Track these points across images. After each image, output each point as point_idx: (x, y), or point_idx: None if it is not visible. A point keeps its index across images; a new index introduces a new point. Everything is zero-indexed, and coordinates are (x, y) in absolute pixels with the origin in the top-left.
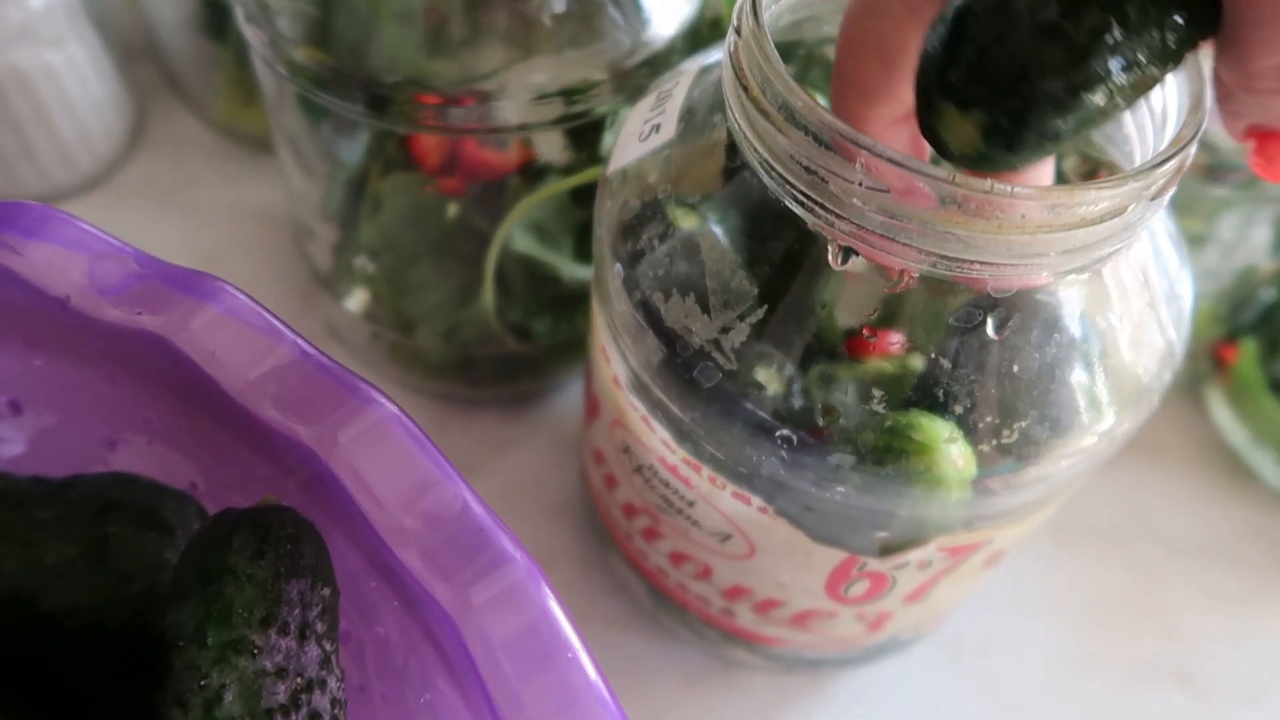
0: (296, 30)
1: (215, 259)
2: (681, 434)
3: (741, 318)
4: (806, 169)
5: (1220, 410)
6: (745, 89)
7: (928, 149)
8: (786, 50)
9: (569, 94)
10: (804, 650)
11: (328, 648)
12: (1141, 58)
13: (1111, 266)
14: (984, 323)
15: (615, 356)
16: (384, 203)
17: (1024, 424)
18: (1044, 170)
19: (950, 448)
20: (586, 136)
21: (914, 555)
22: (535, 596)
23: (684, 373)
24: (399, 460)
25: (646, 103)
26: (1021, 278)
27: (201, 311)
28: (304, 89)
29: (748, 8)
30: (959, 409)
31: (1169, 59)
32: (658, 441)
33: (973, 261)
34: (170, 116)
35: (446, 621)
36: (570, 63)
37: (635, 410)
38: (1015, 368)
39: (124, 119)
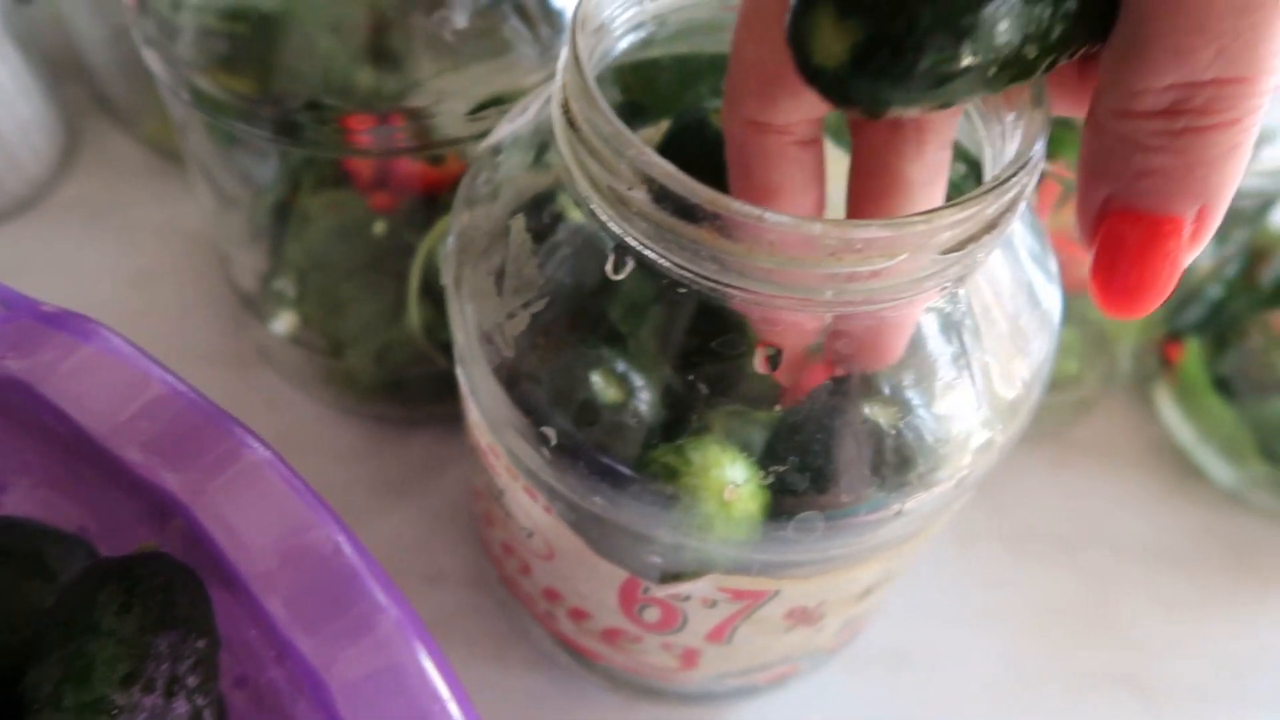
0: (204, 53)
1: (148, 281)
2: (483, 417)
3: (525, 306)
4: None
5: (1168, 409)
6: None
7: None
8: (685, 64)
9: (501, 103)
10: (658, 680)
11: (200, 702)
12: (1028, 29)
13: (970, 286)
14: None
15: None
16: (312, 222)
17: (819, 475)
18: (932, 179)
19: (721, 479)
20: None
21: (690, 589)
22: (403, 649)
23: (477, 352)
24: (269, 506)
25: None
26: (789, 312)
27: (71, 353)
28: (214, 118)
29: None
30: (749, 441)
31: (1047, 49)
32: (473, 421)
33: (728, 285)
34: (102, 136)
35: (312, 674)
36: (501, 71)
37: (463, 385)
38: (822, 413)
39: (53, 140)
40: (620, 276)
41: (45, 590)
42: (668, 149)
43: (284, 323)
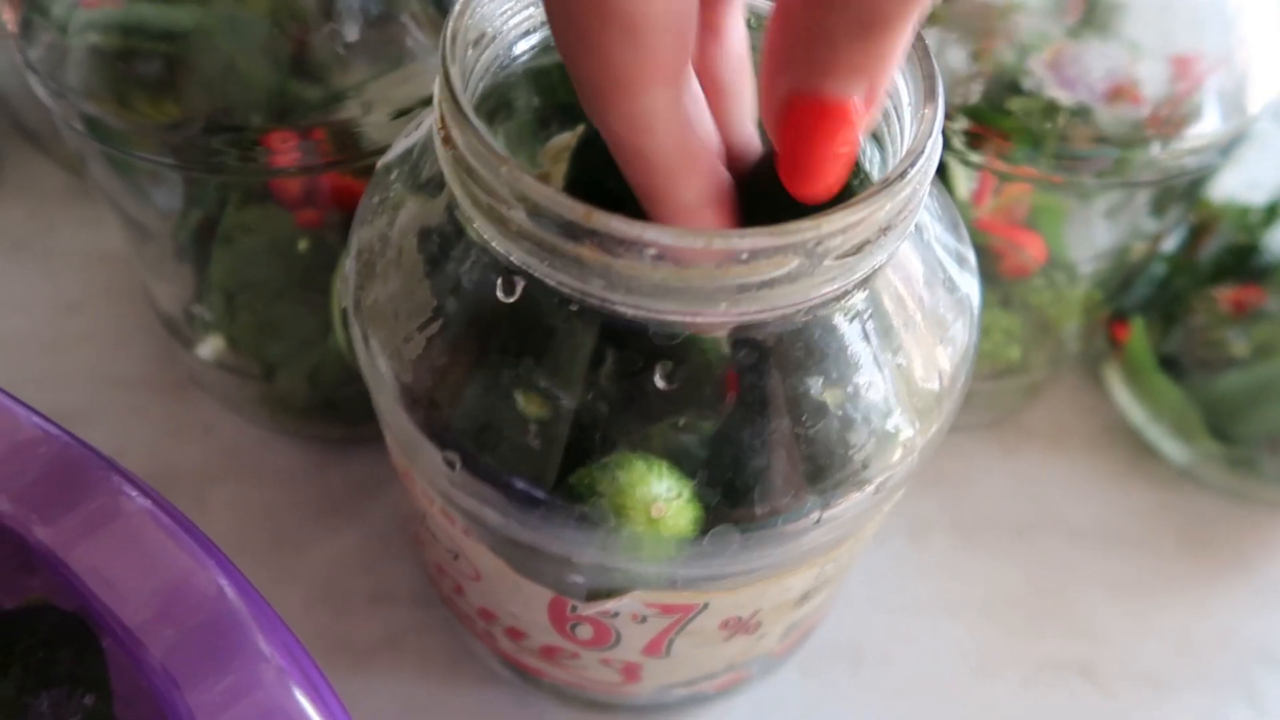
0: (92, 75)
1: (78, 307)
2: (395, 441)
3: (420, 329)
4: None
5: (1118, 390)
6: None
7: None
8: None
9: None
10: (605, 694)
11: None
12: None
13: (878, 285)
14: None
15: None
16: (236, 242)
17: (743, 485)
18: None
19: (648, 496)
20: None
21: (617, 606)
22: (283, 698)
23: (379, 377)
24: (146, 555)
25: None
26: (686, 318)
27: None
28: (119, 150)
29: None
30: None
31: None
32: (390, 445)
33: (618, 301)
34: (25, 162)
35: None
36: (418, 77)
37: (382, 413)
38: (738, 419)
39: None
40: (512, 298)
41: None
42: (581, 153)
43: (210, 348)
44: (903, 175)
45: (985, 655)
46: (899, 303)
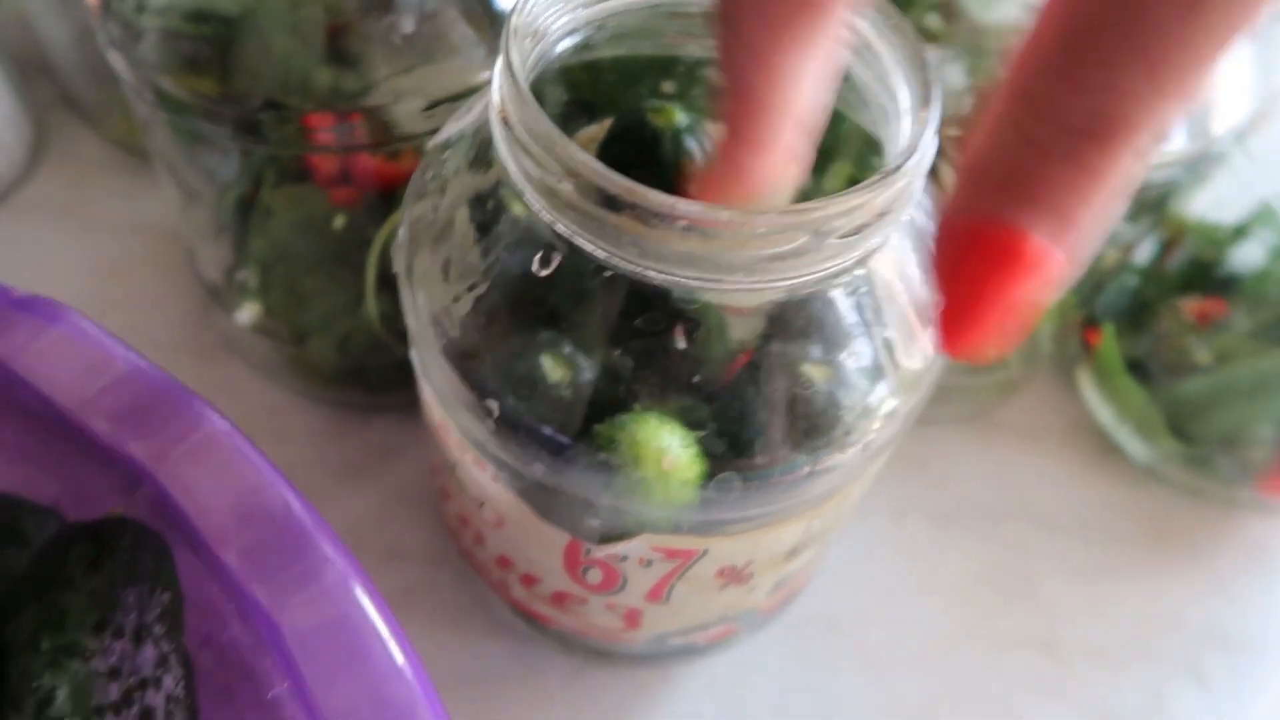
0: (166, 55)
1: (117, 275)
2: (435, 394)
3: (469, 290)
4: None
5: (1089, 391)
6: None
7: None
8: (625, 66)
9: (454, 101)
10: (606, 641)
11: (165, 648)
12: None
13: (872, 267)
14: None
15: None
16: (275, 216)
17: (749, 436)
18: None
19: (660, 449)
20: None
21: (626, 549)
22: (347, 595)
23: (427, 334)
24: (225, 471)
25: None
26: (707, 284)
27: (40, 334)
28: (176, 119)
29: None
30: (684, 408)
31: None
32: (427, 399)
33: (649, 268)
34: (70, 133)
35: (266, 619)
36: (451, 71)
37: (416, 367)
38: (752, 378)
39: (22, 137)
40: (553, 263)
41: (20, 557)
42: (609, 145)
43: (248, 313)
44: (899, 168)
45: (954, 630)
46: (889, 285)
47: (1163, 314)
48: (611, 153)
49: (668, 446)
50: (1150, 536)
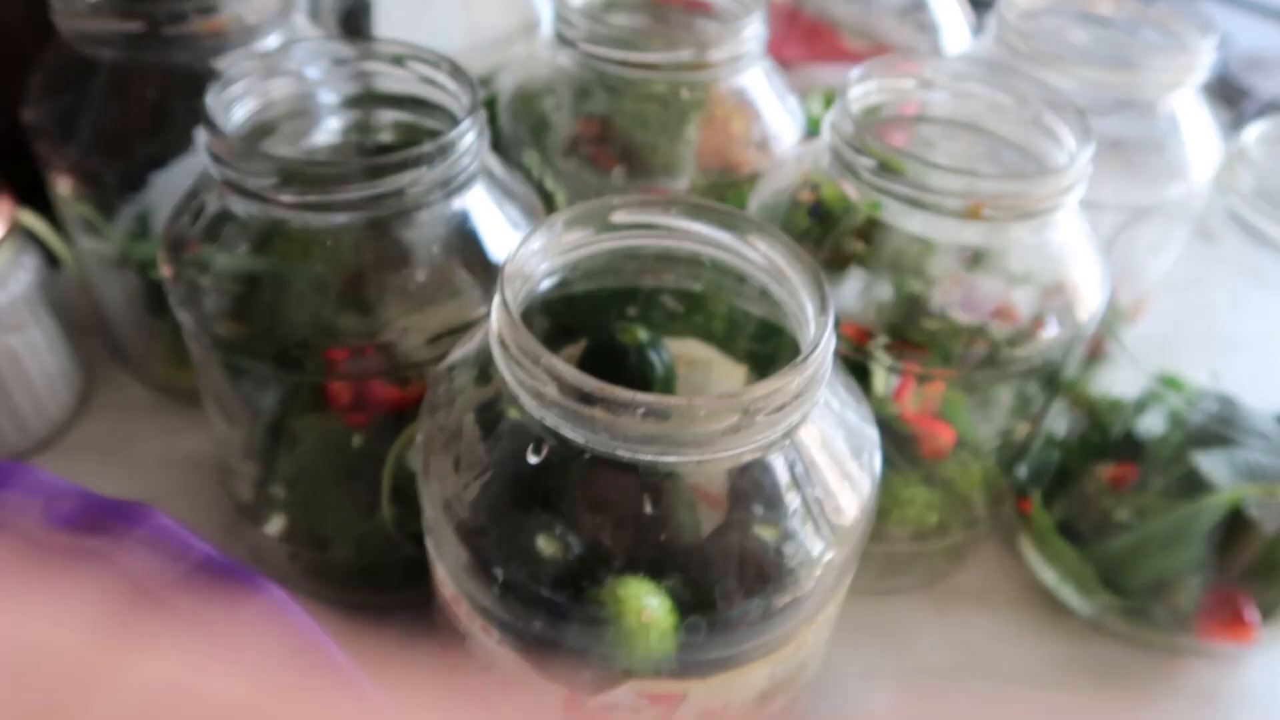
0: (221, 308)
1: (153, 503)
2: (448, 571)
3: (476, 478)
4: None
5: (1030, 554)
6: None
7: None
8: (595, 298)
9: (454, 334)
10: None
11: None
12: None
13: (798, 439)
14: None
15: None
16: (299, 439)
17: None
18: None
19: (639, 605)
20: None
21: (616, 697)
22: None
23: (441, 518)
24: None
25: None
26: (666, 458)
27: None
28: (227, 356)
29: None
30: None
31: None
32: (440, 578)
33: (621, 450)
34: (115, 381)
35: None
36: (453, 310)
37: (431, 551)
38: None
39: (72, 387)
40: (543, 451)
41: None
42: (587, 358)
43: (276, 524)
44: (808, 357)
45: None
46: (814, 454)
47: (1083, 480)
48: (589, 364)
49: (646, 603)
50: (1101, 687)
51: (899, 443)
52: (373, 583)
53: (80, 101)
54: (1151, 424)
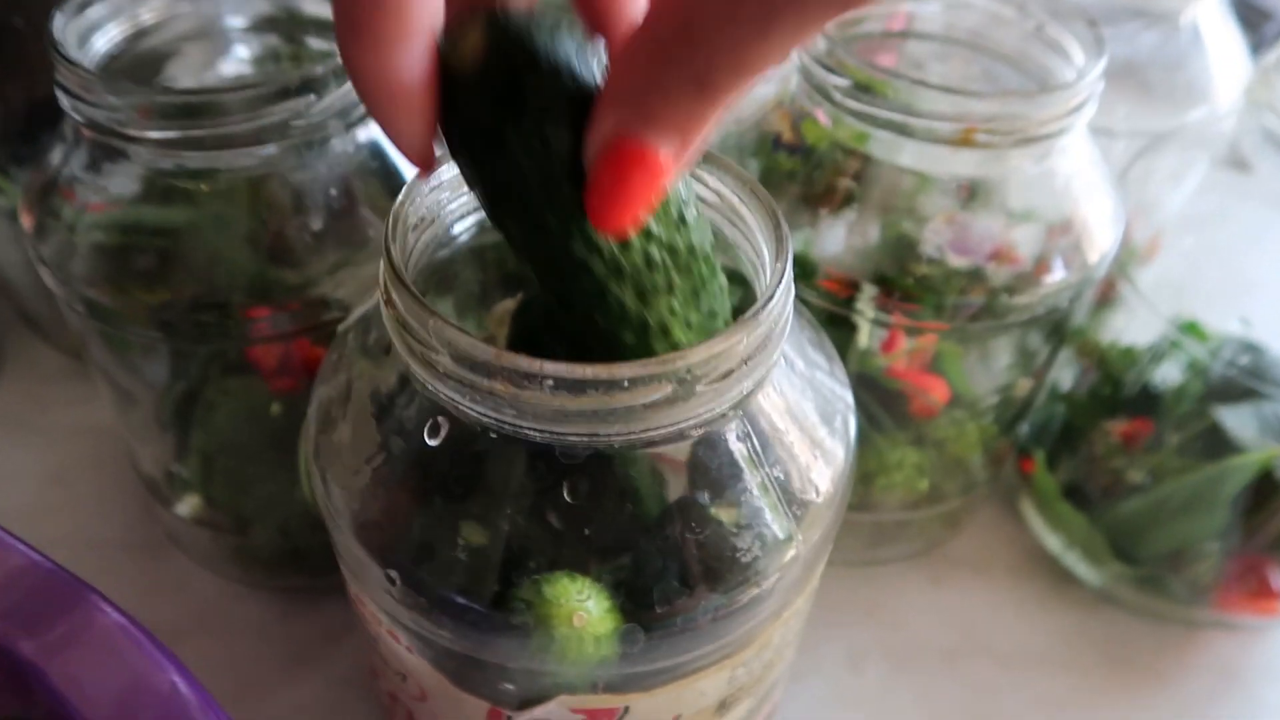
0: (106, 271)
1: (63, 477)
2: (348, 569)
3: (368, 462)
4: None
5: (1033, 519)
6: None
7: None
8: None
9: None
10: None
11: None
12: None
13: (755, 408)
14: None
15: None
16: (218, 408)
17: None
18: None
19: (571, 607)
20: None
21: (544, 712)
22: None
23: (333, 507)
24: (114, 661)
25: None
26: (584, 439)
27: None
28: (116, 328)
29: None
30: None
31: None
32: (345, 575)
33: (531, 429)
34: (26, 347)
35: None
36: (374, 258)
37: (333, 542)
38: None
39: None
40: (442, 432)
41: None
42: (520, 315)
43: (188, 505)
44: (758, 313)
45: None
46: (775, 425)
47: (1092, 438)
48: (523, 321)
49: (579, 604)
50: (1112, 663)
51: (885, 400)
52: (303, 567)
53: None
54: (1168, 375)
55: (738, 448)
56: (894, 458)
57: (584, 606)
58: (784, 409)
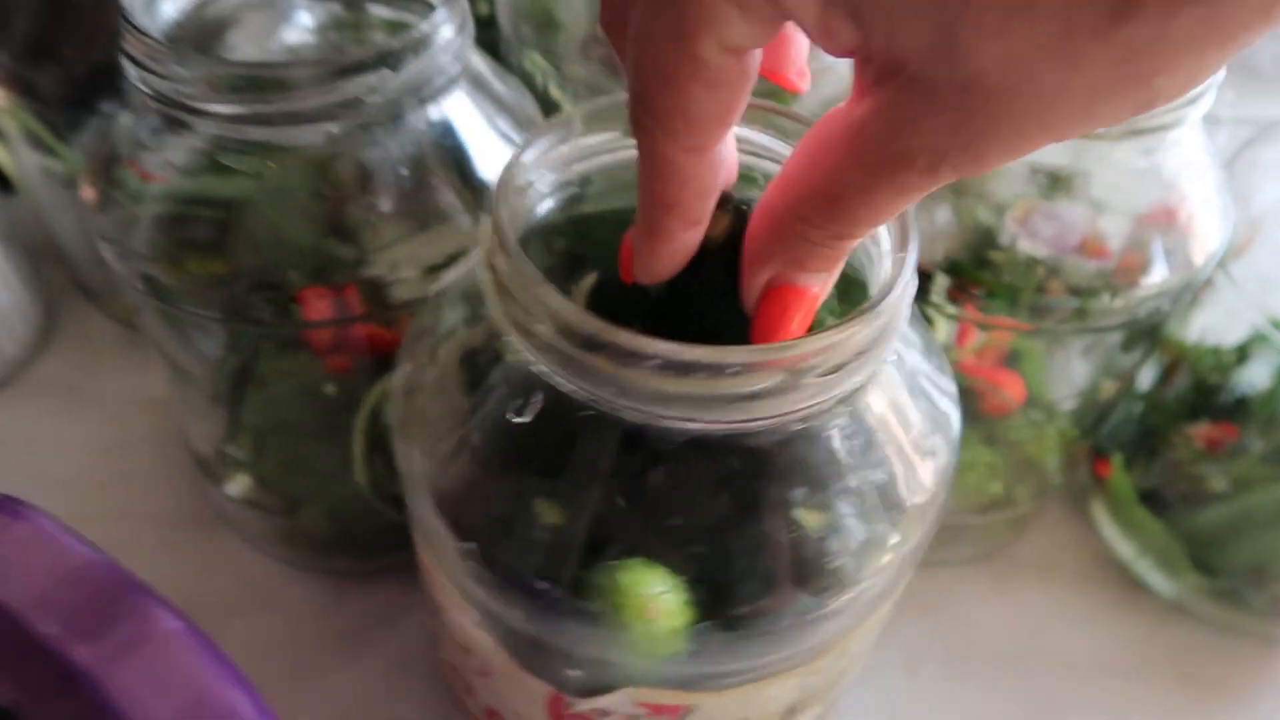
0: (167, 245)
1: (118, 450)
2: (423, 538)
3: (458, 435)
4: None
5: (1105, 524)
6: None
7: None
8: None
9: (450, 265)
10: None
11: None
12: None
13: (863, 403)
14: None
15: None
16: (270, 386)
17: (738, 587)
18: None
19: (644, 597)
20: None
21: (609, 703)
22: None
23: (416, 477)
24: (173, 675)
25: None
26: (683, 424)
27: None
28: (171, 305)
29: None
30: (662, 553)
31: None
32: (417, 541)
33: (627, 406)
34: (79, 315)
35: None
36: (443, 238)
37: (410, 510)
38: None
39: (29, 323)
40: (536, 407)
41: None
42: (598, 293)
43: (238, 485)
44: (876, 306)
45: None
46: (882, 420)
47: (1173, 441)
48: (601, 297)
49: (652, 594)
50: (1182, 677)
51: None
52: (352, 550)
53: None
54: (1257, 376)
55: (839, 445)
56: (965, 457)
57: (660, 598)
58: (890, 405)
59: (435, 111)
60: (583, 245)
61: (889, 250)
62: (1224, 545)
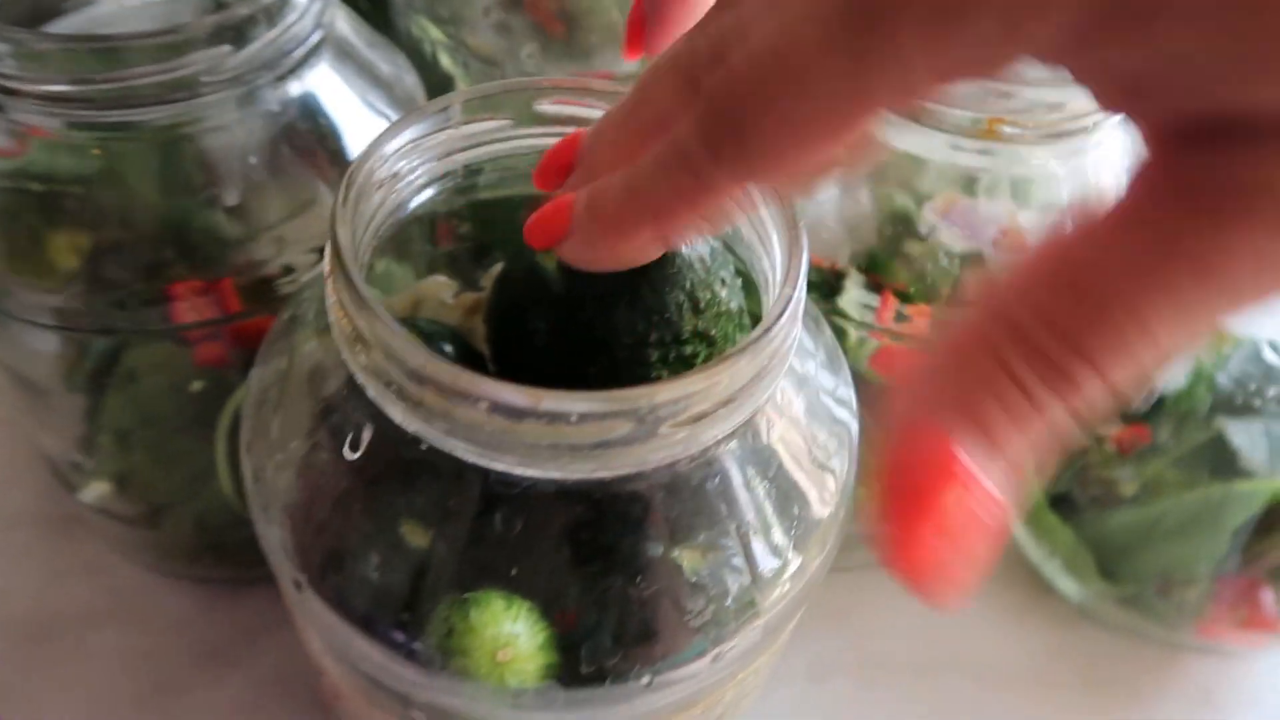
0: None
1: None
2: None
3: (293, 451)
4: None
5: (1015, 527)
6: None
7: None
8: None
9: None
10: None
11: None
12: None
13: (750, 430)
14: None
15: None
16: (139, 380)
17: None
18: None
19: (497, 638)
20: None
21: None
22: None
23: (256, 496)
24: None
25: None
26: (519, 470)
27: None
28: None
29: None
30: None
31: None
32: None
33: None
34: None
35: None
36: (310, 226)
37: (256, 530)
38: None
39: None
40: (368, 435)
41: None
42: (502, 286)
43: (94, 492)
44: (748, 348)
45: None
46: (771, 448)
47: (1085, 443)
48: (505, 292)
49: (506, 633)
50: (1089, 684)
51: (864, 397)
52: (224, 559)
53: None
54: (1173, 375)
55: (709, 489)
56: (871, 460)
57: (513, 635)
58: (782, 429)
59: (296, 87)
60: (488, 232)
61: (778, 273)
62: (1132, 552)
